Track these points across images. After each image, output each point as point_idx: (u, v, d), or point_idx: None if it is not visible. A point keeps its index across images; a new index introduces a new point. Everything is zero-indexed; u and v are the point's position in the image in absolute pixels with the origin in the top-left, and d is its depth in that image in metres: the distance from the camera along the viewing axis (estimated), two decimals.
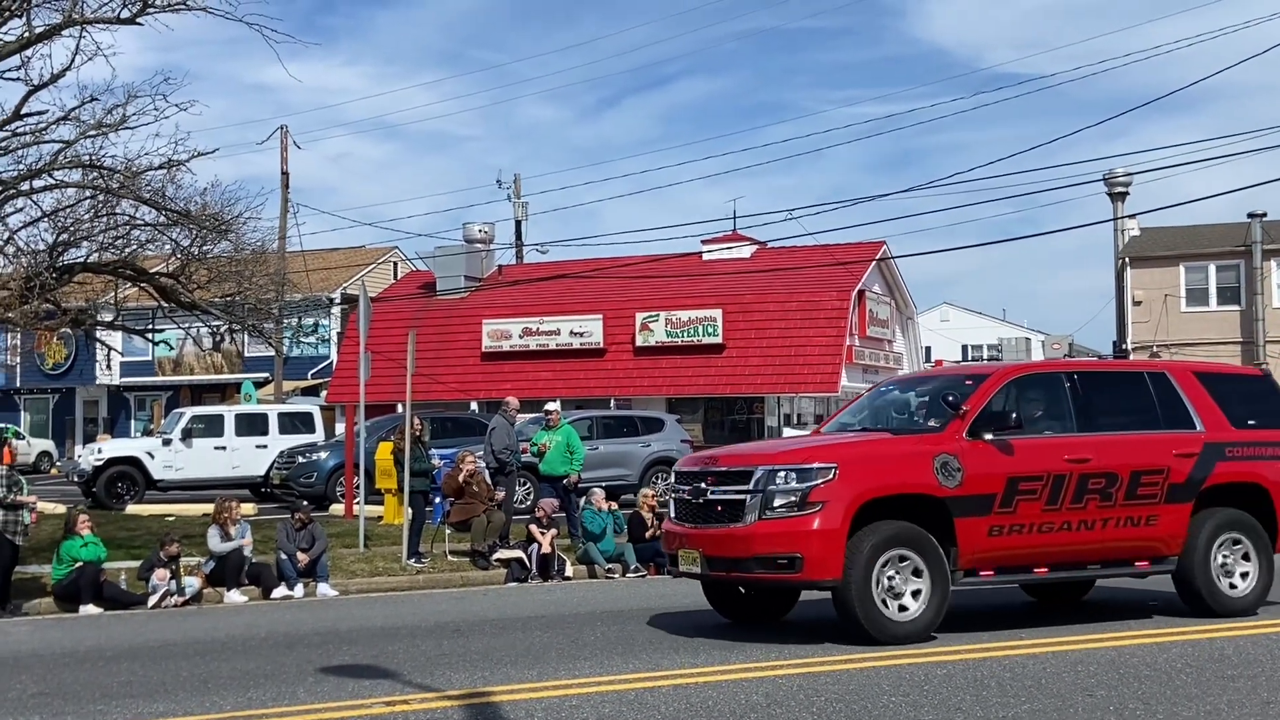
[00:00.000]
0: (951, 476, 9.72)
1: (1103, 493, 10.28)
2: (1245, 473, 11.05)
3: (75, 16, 14.49)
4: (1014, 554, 10.10)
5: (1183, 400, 11.08)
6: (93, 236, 16.05)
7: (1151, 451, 10.64)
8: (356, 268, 46.54)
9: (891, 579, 9.59)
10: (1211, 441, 10.93)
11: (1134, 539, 10.52)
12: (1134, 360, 15.33)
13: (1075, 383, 10.81)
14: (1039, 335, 62.44)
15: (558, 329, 37.91)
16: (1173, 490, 10.59)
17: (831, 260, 35.81)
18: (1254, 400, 11.60)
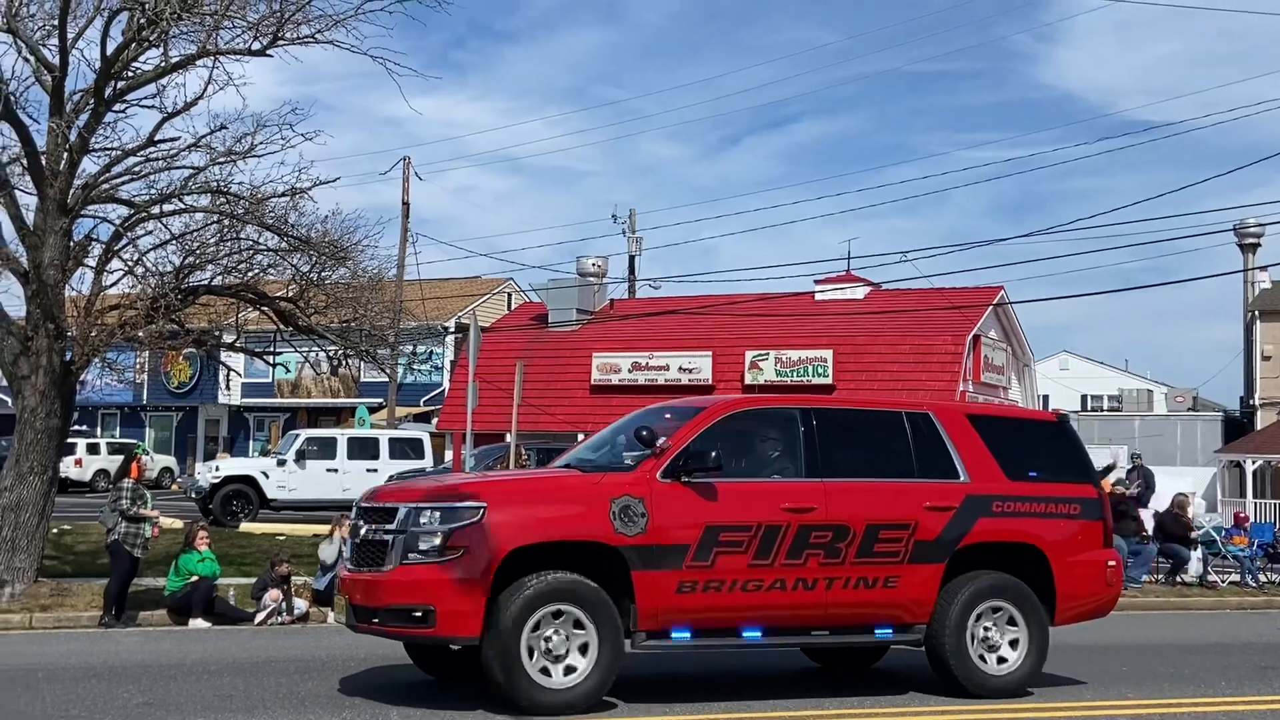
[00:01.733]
0: (632, 523, 8.45)
1: (828, 548, 8.90)
2: (1015, 531, 9.61)
3: (209, 48, 14.98)
4: (712, 615, 8.72)
5: (947, 446, 9.65)
6: (217, 260, 16.48)
7: (895, 503, 9.22)
8: (471, 297, 47.23)
9: (549, 639, 8.33)
10: (975, 494, 9.49)
11: (868, 603, 9.10)
12: (897, 399, 14.36)
13: (811, 422, 9.34)
14: (1162, 387, 60.65)
15: (667, 364, 37.94)
16: (920, 549, 9.15)
17: (946, 304, 35.30)
18: (1041, 449, 10.19)
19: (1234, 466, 39.85)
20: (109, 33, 14.76)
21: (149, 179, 15.93)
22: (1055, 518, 9.74)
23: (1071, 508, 9.83)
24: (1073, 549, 9.73)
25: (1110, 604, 10.27)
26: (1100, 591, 9.99)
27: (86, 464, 41.56)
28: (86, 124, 15.18)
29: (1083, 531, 9.85)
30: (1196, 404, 54.37)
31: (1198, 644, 13.69)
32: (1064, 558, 9.64)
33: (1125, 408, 55.26)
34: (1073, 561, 9.69)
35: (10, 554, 14.75)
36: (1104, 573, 9.95)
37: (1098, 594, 9.98)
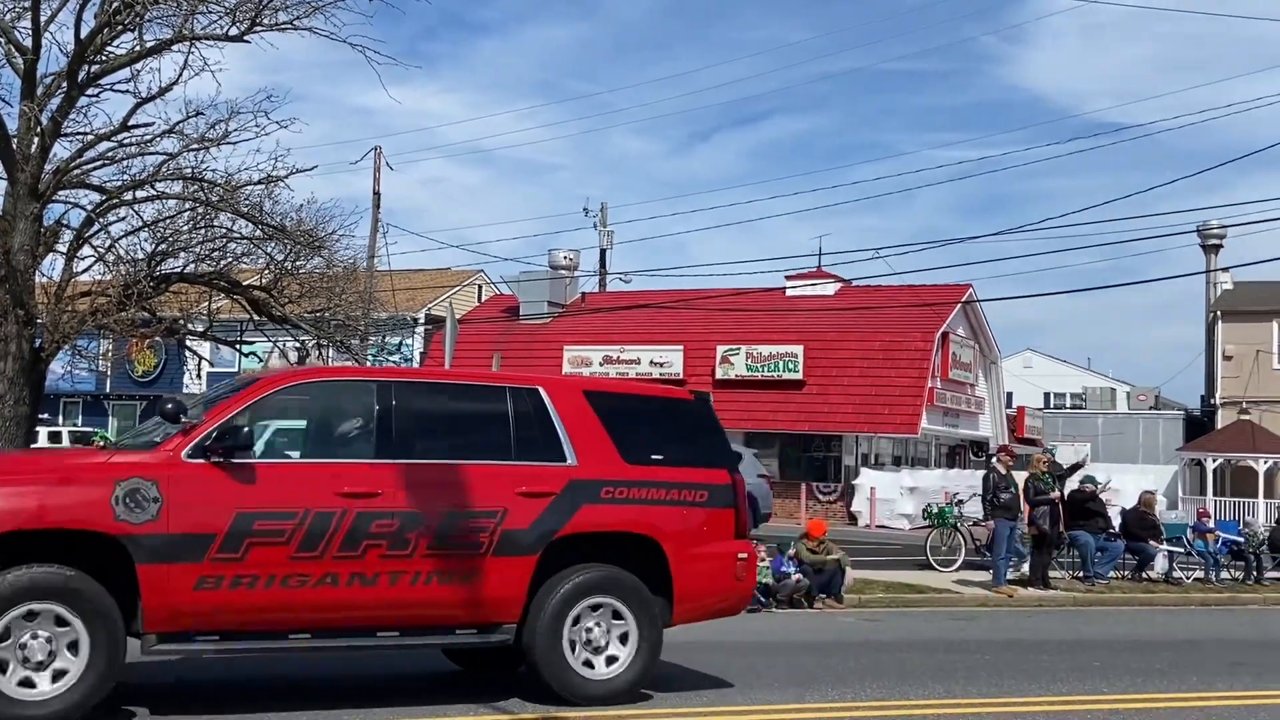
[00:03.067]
0: (140, 509, 7.34)
1: (394, 538, 7.84)
2: (626, 520, 8.60)
3: (185, 33, 14.81)
4: (244, 615, 7.61)
5: (555, 425, 8.62)
6: (190, 248, 16.33)
7: (481, 488, 8.19)
8: (442, 289, 47.03)
9: (25, 647, 7.15)
10: (581, 479, 8.48)
11: (445, 601, 8.05)
12: (501, 373, 12.64)
13: (390, 397, 8.24)
14: (1125, 386, 61.21)
15: (638, 358, 37.97)
16: (508, 540, 8.14)
17: (916, 301, 35.50)
18: (671, 431, 9.17)
19: (1195, 465, 40.30)
20: (83, 16, 14.57)
21: (122, 164, 15.74)
22: (677, 505, 8.75)
23: (698, 495, 8.85)
24: (696, 540, 8.77)
25: (741, 600, 9.35)
26: (728, 587, 9.02)
27: None
28: (59, 108, 14.97)
29: (709, 521, 8.89)
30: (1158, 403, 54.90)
31: (1166, 640, 13.83)
32: (685, 550, 8.70)
33: (1088, 406, 55.75)
34: (695, 554, 8.74)
35: None
36: (733, 567, 8.96)
37: (725, 590, 9.01)
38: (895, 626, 14.43)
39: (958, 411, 38.60)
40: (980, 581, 18.41)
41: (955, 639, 13.22)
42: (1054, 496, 18.53)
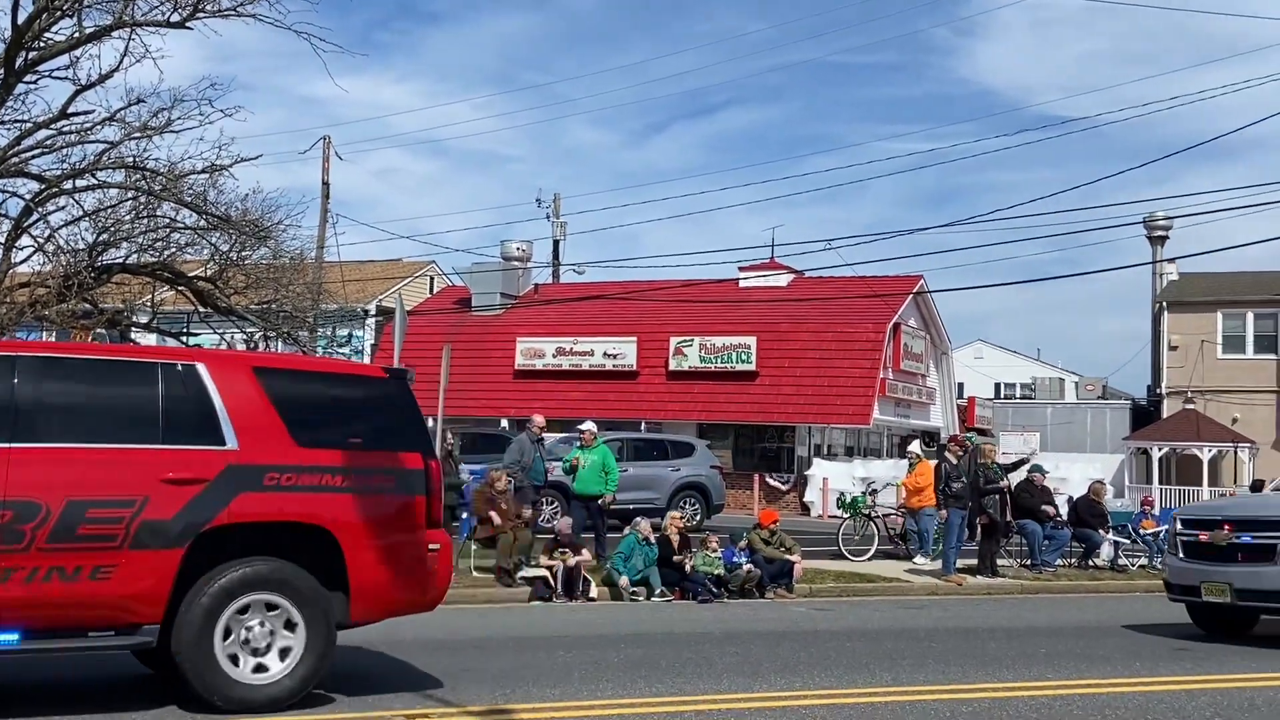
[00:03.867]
0: None
1: (8, 531, 7.09)
2: (295, 510, 7.87)
3: (125, 19, 14.62)
4: None
5: (214, 405, 7.84)
6: (133, 238, 16.17)
7: (117, 475, 7.43)
8: (393, 280, 46.72)
9: None
10: (241, 464, 7.74)
11: (72, 600, 7.26)
12: (158, 348, 11.41)
13: (11, 373, 7.46)
14: (1073, 376, 61.86)
15: (591, 350, 37.89)
16: (148, 531, 7.39)
17: (868, 292, 35.67)
18: (359, 411, 8.48)
19: (1141, 453, 40.80)
20: (20, 1, 14.33)
21: (61, 153, 15.60)
22: (357, 493, 8.04)
23: (383, 481, 8.17)
24: (379, 531, 8.08)
25: (434, 595, 8.57)
26: (418, 581, 8.33)
27: None
28: None
29: (396, 510, 8.21)
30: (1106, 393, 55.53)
31: (1112, 626, 13.97)
32: (364, 542, 8.00)
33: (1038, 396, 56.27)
34: (377, 546, 8.06)
35: None
36: (424, 559, 8.27)
37: (414, 584, 8.32)
38: (846, 616, 14.47)
39: (909, 402, 38.84)
40: (930, 570, 18.52)
41: (904, 627, 13.28)
42: (1003, 485, 18.68)
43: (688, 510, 23.55)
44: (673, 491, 25.36)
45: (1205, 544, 12.76)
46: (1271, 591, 12.22)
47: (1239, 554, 12.46)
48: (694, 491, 25.93)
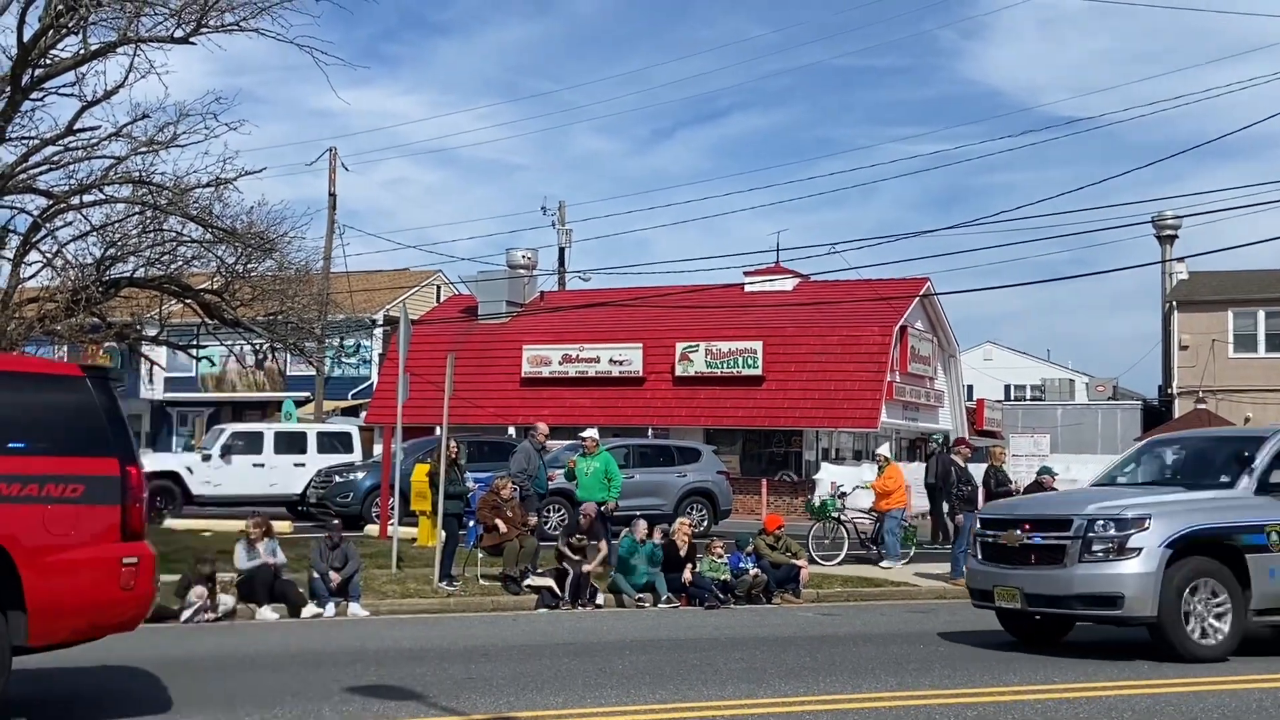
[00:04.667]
0: None
1: None
2: None
3: (130, 35, 14.73)
4: None
5: None
6: (140, 252, 16.26)
7: None
8: (400, 290, 46.83)
9: None
10: None
11: None
12: None
13: None
14: (1084, 377, 61.76)
15: (597, 356, 37.94)
16: None
17: (874, 295, 35.67)
18: (44, 413, 7.71)
19: None
20: (25, 18, 14.48)
21: (68, 169, 15.70)
22: (34, 502, 7.34)
23: (68, 489, 7.49)
24: (61, 544, 7.42)
25: (132, 614, 8.01)
26: (110, 598, 7.64)
27: None
28: (2, 112, 14.86)
29: (83, 520, 7.55)
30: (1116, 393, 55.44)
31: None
32: (43, 556, 7.32)
33: (1048, 397, 56.23)
34: (60, 561, 7.40)
35: None
36: (116, 574, 7.61)
37: (105, 601, 7.65)
38: (853, 620, 14.49)
39: (917, 405, 38.81)
40: (939, 574, 18.52)
41: (911, 631, 13.29)
42: (1013, 488, 18.67)
43: (695, 516, 23.59)
44: (680, 497, 25.39)
45: (1001, 545, 11.75)
46: (1061, 596, 11.20)
47: (1032, 555, 11.47)
48: (701, 497, 25.96)
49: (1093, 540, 11.03)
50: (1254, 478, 11.48)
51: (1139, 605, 10.82)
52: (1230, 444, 12.59)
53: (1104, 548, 10.97)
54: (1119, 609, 10.91)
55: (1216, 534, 11.12)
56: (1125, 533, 10.93)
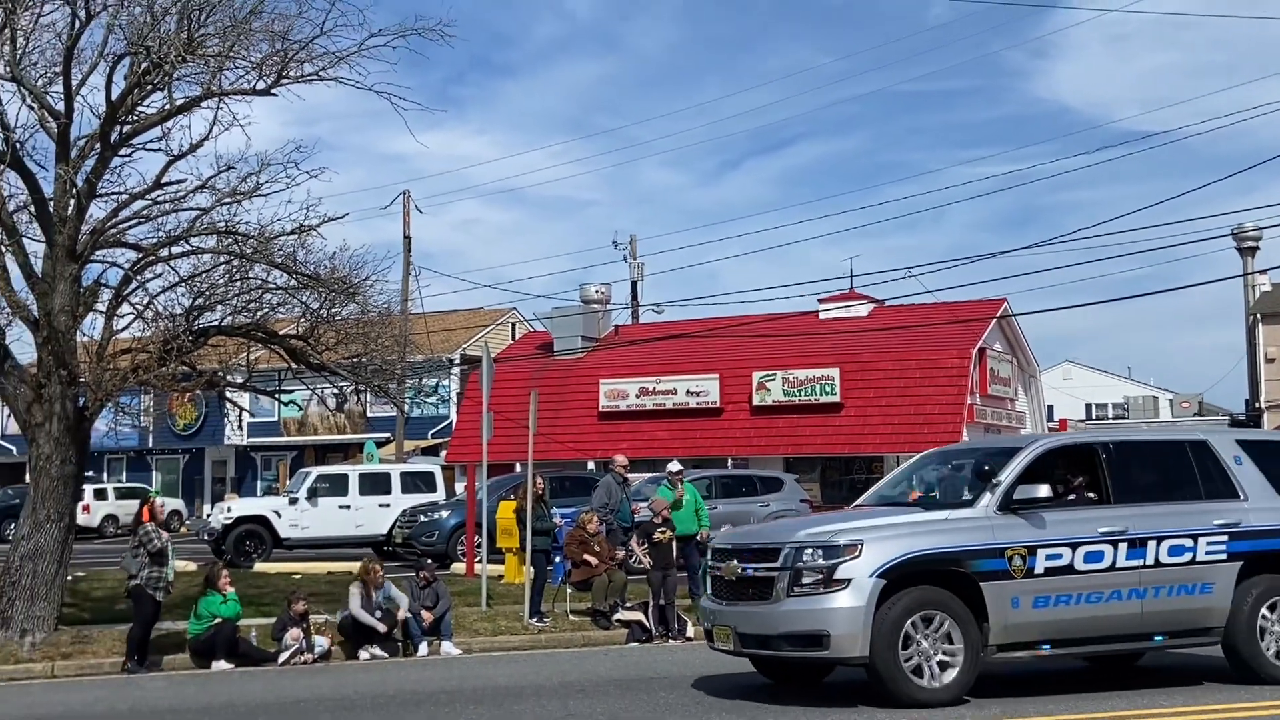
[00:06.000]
0: None
1: None
2: None
3: (213, 89, 15.04)
4: None
5: None
6: (227, 300, 16.48)
7: None
8: (475, 329, 47.27)
9: None
10: None
11: None
12: None
13: None
14: (1166, 394, 60.59)
15: (674, 388, 37.91)
16: None
17: (951, 318, 35.31)
18: None
19: None
20: (113, 78, 14.84)
21: (156, 222, 15.98)
22: None
23: None
24: None
25: None
26: None
27: (94, 510, 41.50)
28: (93, 169, 15.21)
29: None
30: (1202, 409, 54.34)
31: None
32: None
33: (1131, 415, 55.23)
34: None
35: (29, 602, 14.70)
36: None
37: None
38: None
39: (999, 427, 38.28)
40: None
41: None
42: None
43: None
44: None
45: (723, 578, 10.42)
46: (768, 636, 9.85)
47: (749, 589, 10.10)
48: None
49: (801, 571, 9.69)
50: (997, 494, 10.06)
51: (847, 644, 9.48)
52: (985, 457, 11.02)
53: (813, 579, 9.63)
54: (825, 649, 9.56)
55: (943, 559, 9.76)
56: (834, 561, 9.61)
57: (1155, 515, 10.37)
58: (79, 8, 14.34)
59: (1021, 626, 9.86)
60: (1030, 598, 9.83)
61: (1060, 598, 9.94)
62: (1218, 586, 10.37)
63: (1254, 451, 11.05)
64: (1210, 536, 10.40)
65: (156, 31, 14.30)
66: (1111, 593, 10.07)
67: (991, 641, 9.79)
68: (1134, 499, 10.45)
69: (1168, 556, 10.24)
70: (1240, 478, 10.81)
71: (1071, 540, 10.02)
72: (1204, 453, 10.88)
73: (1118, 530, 10.13)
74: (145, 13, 14.48)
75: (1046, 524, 10.02)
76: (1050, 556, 9.93)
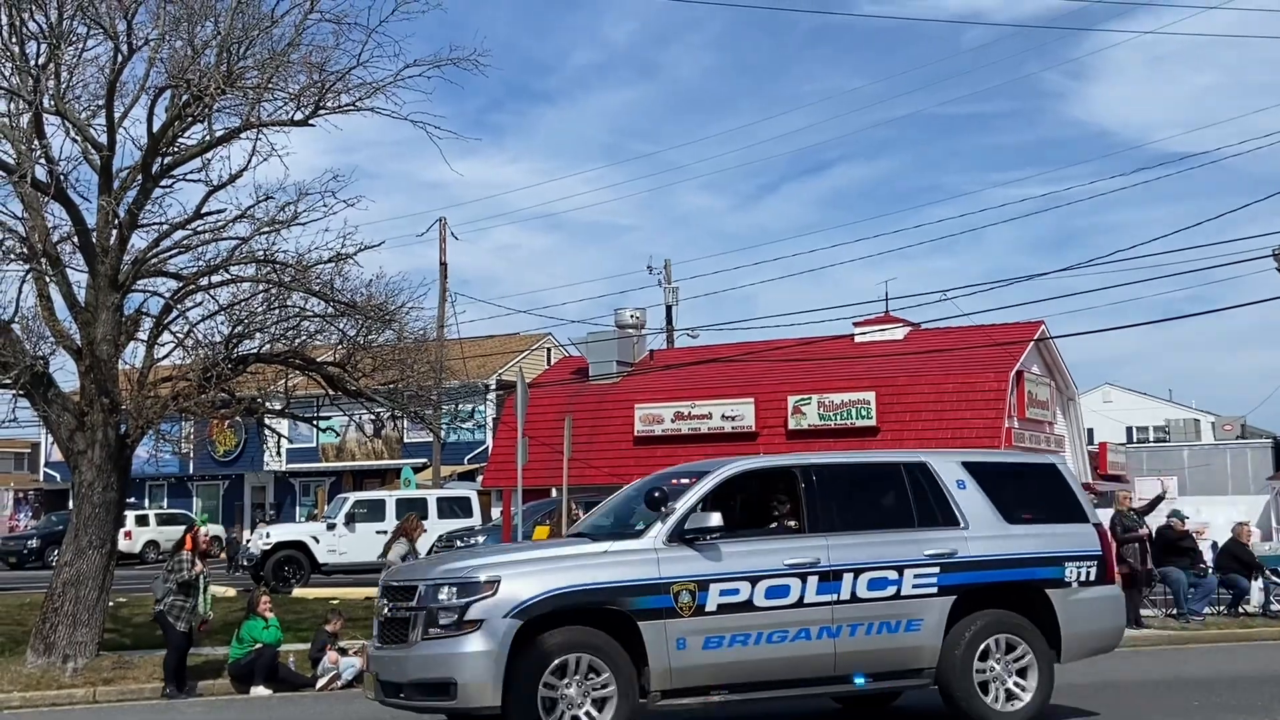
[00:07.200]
0: None
1: None
2: None
3: (252, 120, 15.26)
4: None
5: None
6: (266, 328, 16.68)
7: None
8: (511, 354, 47.46)
9: None
10: None
11: None
12: None
13: None
14: (1209, 416, 59.94)
15: (709, 413, 37.88)
16: None
17: (988, 341, 35.15)
18: None
19: None
20: (154, 110, 15.09)
21: (196, 251, 16.19)
22: None
23: None
24: None
25: None
26: None
27: (136, 536, 41.91)
28: (135, 200, 15.46)
29: None
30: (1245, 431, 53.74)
31: (1267, 676, 13.45)
32: None
33: (1172, 438, 54.66)
34: None
35: (72, 628, 14.87)
36: None
37: None
38: None
39: (1038, 451, 38.01)
40: None
41: None
42: (1142, 533, 18.18)
43: None
44: None
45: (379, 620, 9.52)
46: (399, 684, 8.95)
47: (393, 632, 9.20)
48: None
49: (437, 612, 8.75)
50: (669, 523, 9.10)
51: (476, 693, 8.55)
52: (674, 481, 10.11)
53: (447, 620, 8.70)
54: (453, 699, 8.64)
55: (594, 597, 8.81)
56: (467, 600, 8.67)
57: (857, 545, 9.43)
58: (121, 43, 14.60)
59: (689, 670, 8.92)
60: (700, 638, 8.89)
61: (736, 637, 8.98)
62: (927, 623, 9.45)
63: (981, 475, 10.12)
64: (919, 568, 9.46)
65: (197, 65, 14.55)
66: (799, 631, 9.11)
67: (654, 687, 8.85)
68: (835, 527, 9.47)
69: (867, 591, 9.31)
70: (962, 504, 9.87)
71: (752, 574, 9.07)
72: (923, 476, 9.95)
73: (808, 562, 9.21)
74: (186, 46, 14.75)
75: (724, 556, 9.09)
76: (725, 592, 8.99)
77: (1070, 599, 9.90)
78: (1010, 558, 9.80)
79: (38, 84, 14.19)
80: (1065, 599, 9.88)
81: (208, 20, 14.81)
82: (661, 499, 9.19)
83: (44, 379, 15.44)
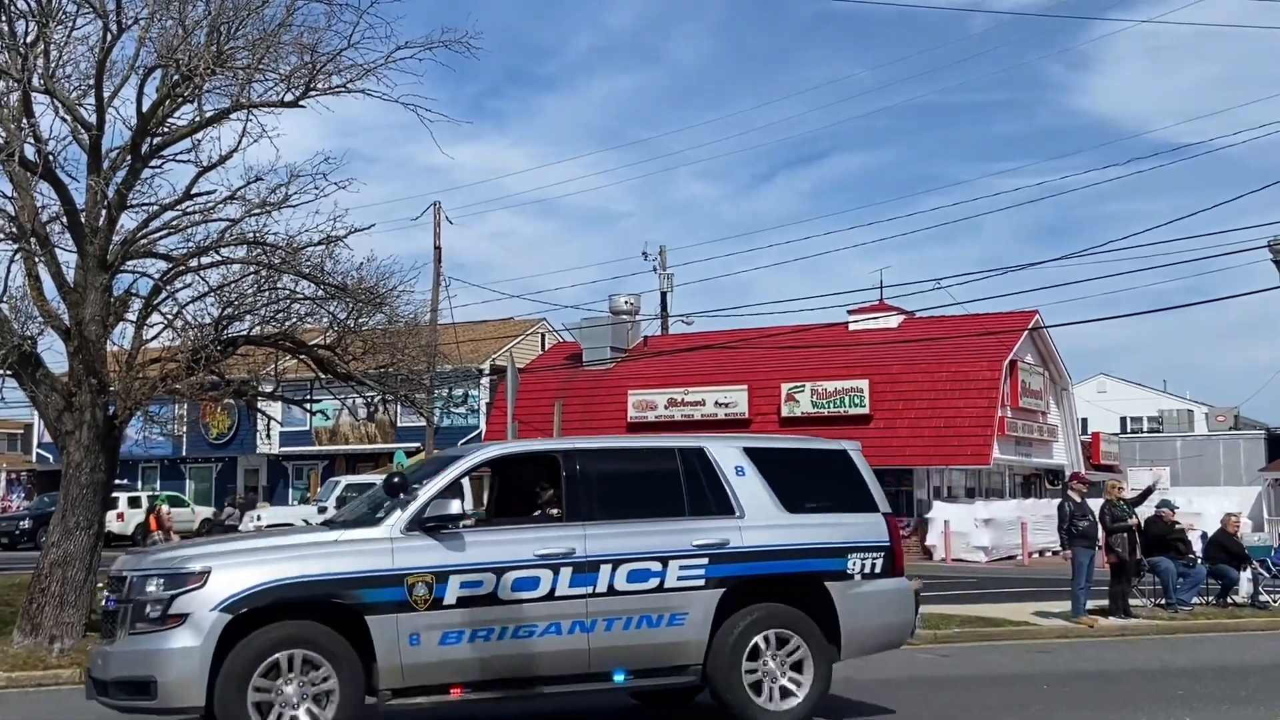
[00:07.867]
0: None
1: None
2: None
3: (242, 101, 15.17)
4: None
5: None
6: (255, 310, 16.58)
7: None
8: (505, 339, 47.40)
9: None
10: None
11: None
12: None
13: None
14: (1202, 407, 60.02)
15: (703, 399, 37.92)
16: None
17: (982, 330, 35.17)
18: None
19: (1278, 485, 39.34)
20: (144, 90, 15.00)
21: (186, 233, 16.08)
22: None
23: None
24: None
25: None
26: None
27: (128, 517, 41.85)
28: (124, 180, 15.37)
29: None
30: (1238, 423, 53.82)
31: (1253, 666, 13.48)
32: None
33: (1165, 429, 54.78)
34: None
35: (59, 609, 14.84)
36: None
37: None
38: (971, 661, 14.19)
39: (1030, 440, 38.06)
40: (1060, 612, 18.08)
41: (1033, 672, 12.98)
42: (1131, 523, 18.19)
43: None
44: None
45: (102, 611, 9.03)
46: (104, 682, 8.39)
47: (107, 625, 8.73)
48: None
49: (144, 604, 8.24)
50: (408, 511, 8.59)
51: (179, 694, 8.03)
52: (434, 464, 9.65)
53: (154, 614, 8.20)
54: (154, 698, 8.09)
55: (315, 589, 8.27)
56: (174, 593, 8.15)
57: (618, 535, 8.93)
58: (111, 21, 14.50)
59: (423, 668, 8.39)
60: (436, 633, 8.38)
61: (479, 632, 8.47)
62: (692, 618, 8.95)
63: (763, 461, 9.61)
64: (686, 560, 8.97)
65: (187, 44, 14.45)
66: (549, 625, 8.62)
67: (383, 686, 8.33)
68: (596, 516, 8.96)
69: (626, 583, 8.81)
70: (740, 492, 9.36)
71: (497, 565, 8.56)
72: (699, 462, 9.42)
73: (561, 552, 8.71)
74: (176, 26, 14.65)
75: (468, 546, 8.58)
76: (467, 584, 8.47)
77: (851, 592, 9.43)
78: (787, 548, 9.34)
79: (26, 62, 14.10)
80: (846, 592, 9.41)
81: (198, 0, 14.72)
82: (401, 485, 8.74)
83: (32, 359, 15.37)
